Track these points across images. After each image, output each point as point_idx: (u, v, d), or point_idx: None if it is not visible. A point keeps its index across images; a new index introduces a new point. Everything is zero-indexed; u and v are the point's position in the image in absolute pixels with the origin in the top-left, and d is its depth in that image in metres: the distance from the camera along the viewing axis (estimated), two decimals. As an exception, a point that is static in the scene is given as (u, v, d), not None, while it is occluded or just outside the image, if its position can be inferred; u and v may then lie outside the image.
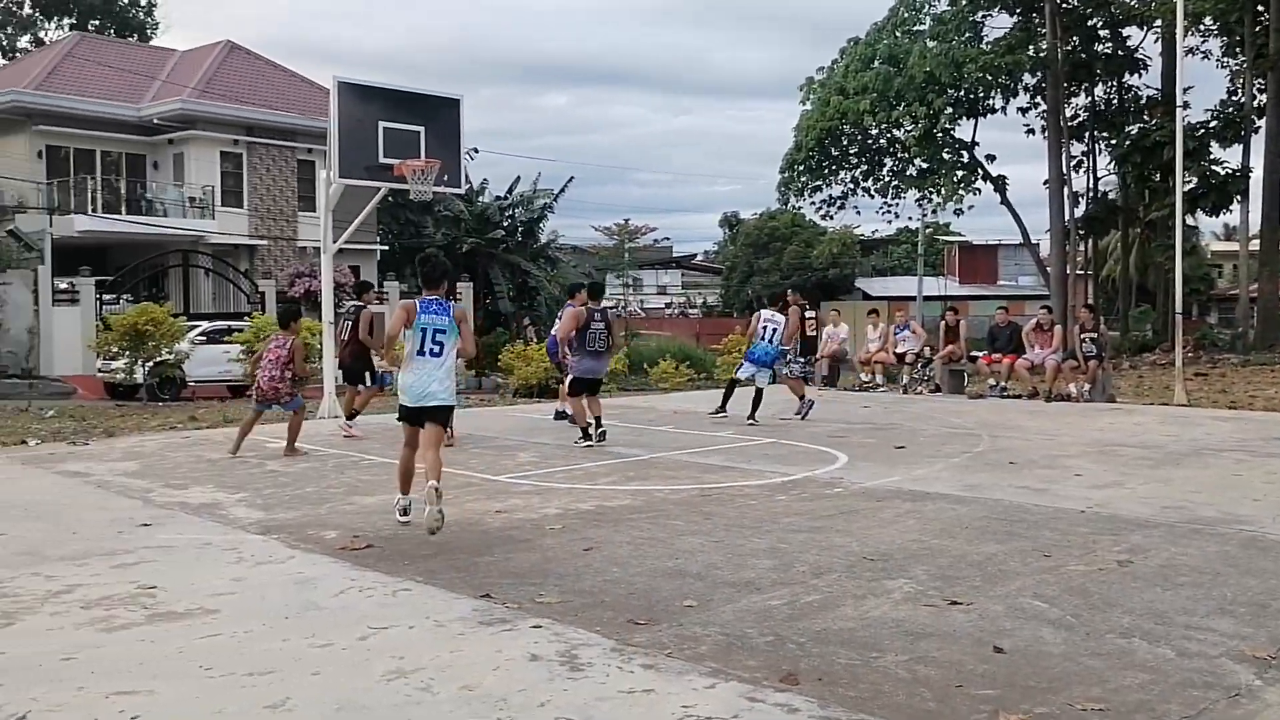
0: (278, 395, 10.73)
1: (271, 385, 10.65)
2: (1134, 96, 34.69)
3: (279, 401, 10.81)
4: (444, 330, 7.16)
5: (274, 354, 10.72)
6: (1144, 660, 4.45)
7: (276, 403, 10.86)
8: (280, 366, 10.65)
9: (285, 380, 10.70)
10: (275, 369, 10.66)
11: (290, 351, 10.68)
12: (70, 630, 4.97)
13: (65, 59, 33.38)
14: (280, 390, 10.69)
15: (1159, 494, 8.28)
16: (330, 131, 14.22)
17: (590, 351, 11.61)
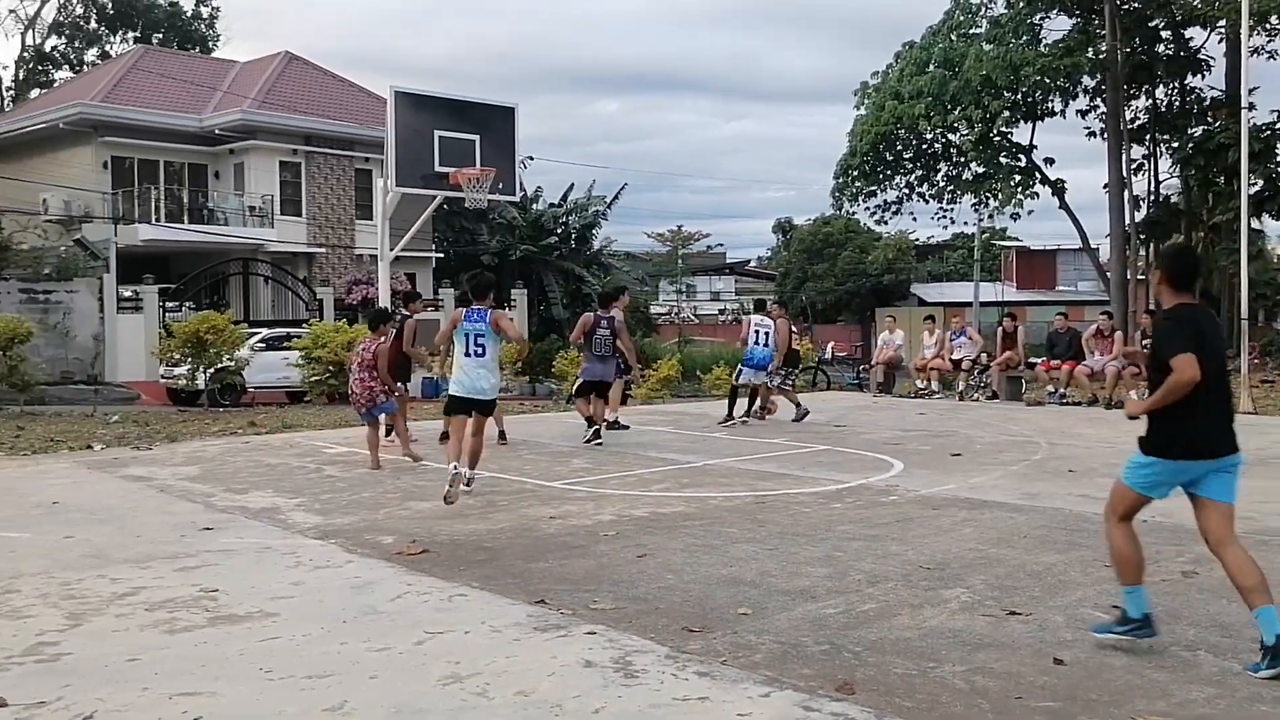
0: (372, 397, 10.46)
1: (364, 387, 10.43)
2: (1196, 98, 34.01)
3: (375, 404, 10.52)
4: (483, 335, 8.68)
5: (359, 358, 10.63)
6: (1209, 674, 4.36)
7: (373, 406, 10.53)
8: (367, 369, 10.47)
9: (374, 380, 10.45)
10: (363, 371, 10.51)
11: (374, 355, 10.48)
12: (135, 632, 5.07)
13: (130, 71, 34.13)
14: (374, 390, 10.44)
15: (1224, 504, 8.09)
16: (388, 141, 14.40)
17: (596, 356, 12.36)
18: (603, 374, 12.49)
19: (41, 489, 9.35)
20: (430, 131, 14.30)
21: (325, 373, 21.17)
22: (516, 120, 15.34)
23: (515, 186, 15.96)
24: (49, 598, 5.66)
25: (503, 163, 14.89)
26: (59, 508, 8.43)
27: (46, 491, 9.19)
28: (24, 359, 19.62)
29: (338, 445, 12.42)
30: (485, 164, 14.50)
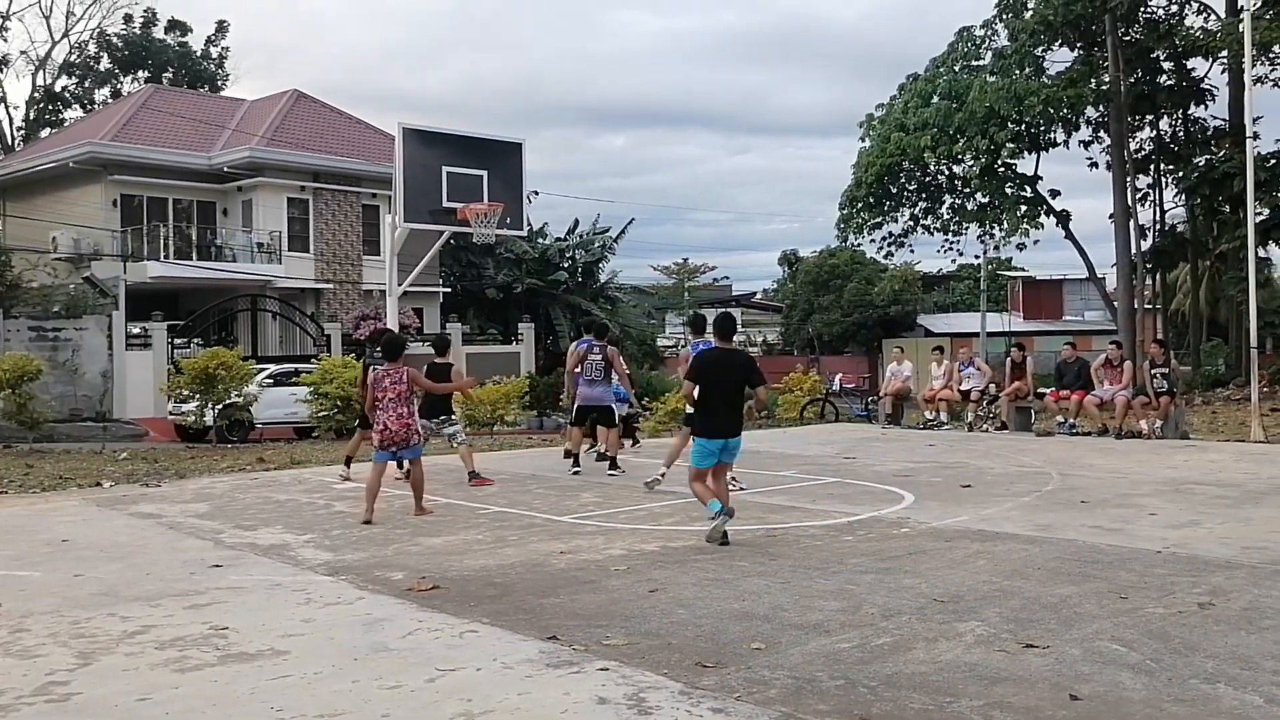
0: (408, 435, 9.48)
1: (402, 424, 9.42)
2: (1200, 128, 34.13)
3: (408, 444, 9.53)
4: None
5: (395, 390, 9.44)
6: (1230, 707, 4.31)
7: (405, 447, 9.53)
8: (405, 402, 9.46)
9: (412, 416, 9.54)
10: (402, 405, 9.42)
11: (409, 382, 9.55)
12: (145, 670, 5.04)
13: (139, 110, 34.46)
14: (411, 428, 9.51)
15: (1239, 534, 8.05)
16: (395, 177, 14.49)
17: (587, 380, 12.72)
18: (599, 398, 12.70)
19: (51, 527, 9.35)
20: (438, 167, 14.39)
21: (333, 408, 21.20)
22: (524, 155, 15.43)
23: (523, 221, 16.02)
24: (59, 636, 5.64)
25: (510, 198, 14.97)
26: (69, 546, 8.43)
27: (56, 529, 9.19)
28: (33, 396, 19.68)
29: (347, 481, 12.40)
30: (493, 199, 14.58)
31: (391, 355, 9.70)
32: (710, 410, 8.08)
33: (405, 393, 9.43)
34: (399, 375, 9.49)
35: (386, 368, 9.54)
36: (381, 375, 9.47)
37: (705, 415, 8.12)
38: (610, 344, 13.07)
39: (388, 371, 9.48)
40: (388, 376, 9.47)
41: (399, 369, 9.51)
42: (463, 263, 39.45)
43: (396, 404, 9.41)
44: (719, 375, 8.09)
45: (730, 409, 8.10)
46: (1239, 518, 8.81)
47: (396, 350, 9.76)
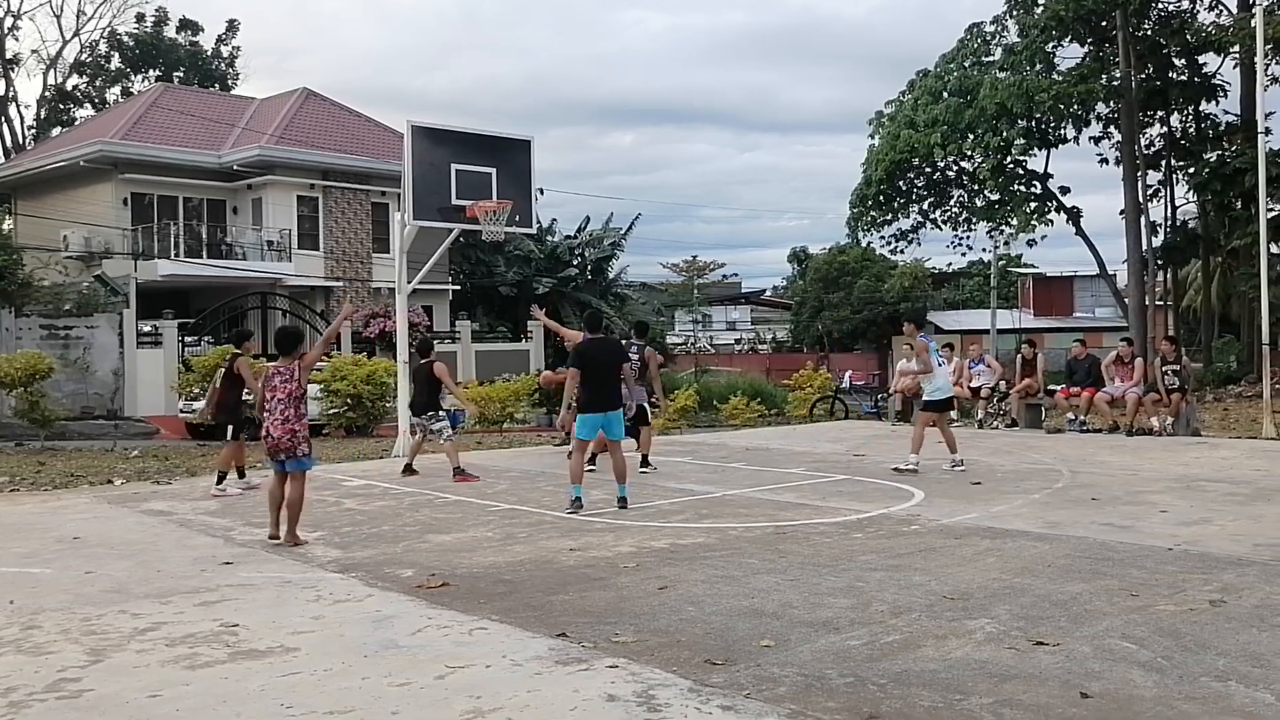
0: (294, 445, 8.01)
1: (287, 430, 7.96)
2: (1212, 124, 33.97)
3: (294, 455, 8.04)
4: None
5: (284, 389, 8.00)
6: (1241, 705, 4.30)
7: (291, 457, 8.05)
8: (294, 403, 8.03)
9: (300, 422, 8.07)
10: (290, 407, 8.01)
11: (299, 381, 8.08)
12: (156, 668, 5.06)
13: (150, 109, 34.56)
14: (297, 437, 8.02)
15: (1250, 531, 8.02)
16: (404, 174, 14.48)
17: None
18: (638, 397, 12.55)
19: (62, 524, 9.38)
20: (447, 165, 14.37)
21: (343, 405, 21.25)
22: (533, 152, 15.40)
23: (532, 219, 15.97)
24: (70, 633, 5.66)
25: (519, 195, 14.94)
26: (80, 543, 8.46)
27: (67, 527, 9.22)
28: (45, 394, 19.77)
29: (357, 478, 12.44)
30: (502, 196, 14.55)
31: (285, 349, 8.26)
32: (591, 389, 9.55)
33: (297, 393, 8.03)
34: (289, 373, 8.03)
35: (278, 364, 8.14)
36: (272, 372, 8.09)
37: (588, 394, 9.59)
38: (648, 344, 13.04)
39: (279, 368, 8.05)
40: (278, 374, 8.03)
41: (291, 365, 8.08)
42: (472, 260, 39.50)
43: (285, 406, 7.97)
44: (596, 359, 9.63)
45: (607, 387, 9.56)
46: (1250, 515, 8.77)
47: (291, 343, 8.31)
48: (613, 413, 9.61)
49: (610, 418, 9.59)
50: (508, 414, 22.69)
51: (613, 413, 9.61)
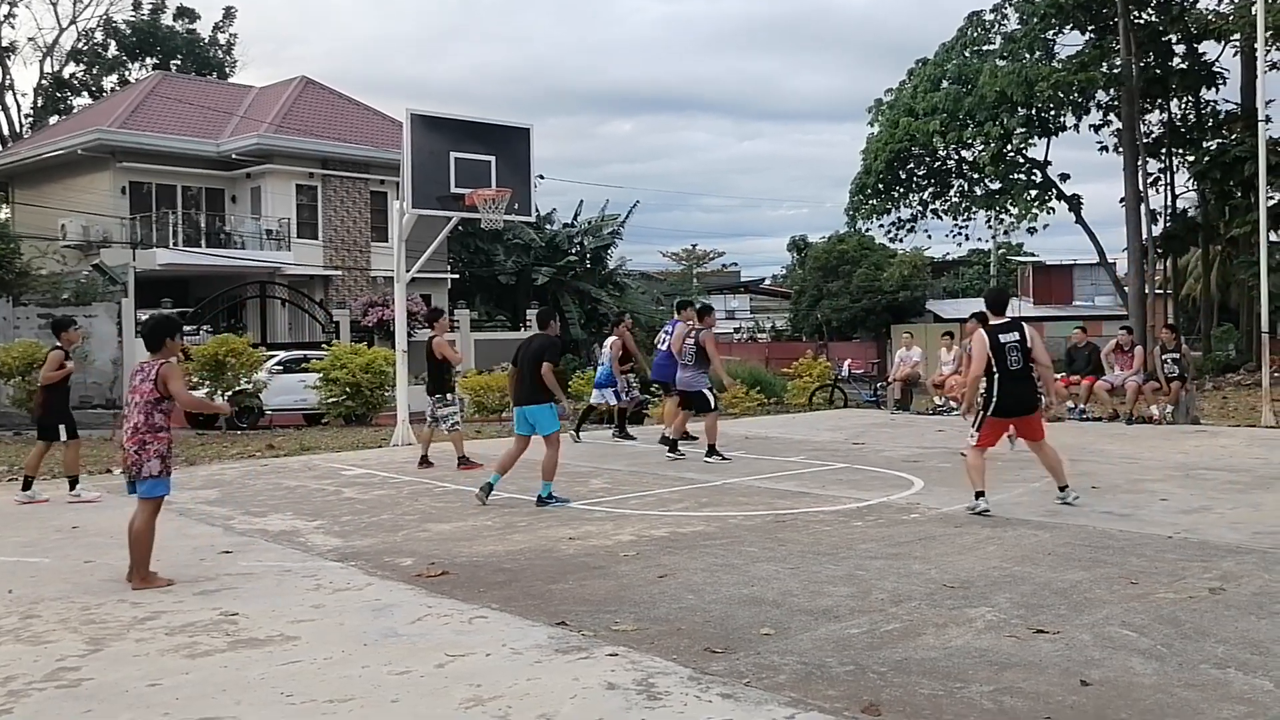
0: (139, 462, 6.49)
1: (135, 440, 6.50)
2: (1212, 111, 33.92)
3: (139, 474, 6.53)
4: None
5: (139, 391, 6.56)
6: (1240, 692, 4.30)
7: (136, 479, 6.57)
8: (147, 409, 6.52)
9: (155, 433, 6.54)
10: (138, 414, 6.53)
11: (159, 382, 6.52)
12: (156, 656, 5.06)
13: (148, 97, 34.47)
14: (145, 452, 6.50)
15: (1249, 519, 8.03)
16: (403, 163, 14.45)
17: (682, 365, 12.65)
18: (686, 382, 12.54)
19: (61, 513, 9.38)
20: (446, 153, 14.34)
21: (343, 394, 21.23)
22: (532, 141, 15.36)
23: (530, 207, 15.97)
24: (69, 622, 5.66)
25: (518, 183, 14.92)
26: (79, 532, 8.46)
27: (66, 516, 9.22)
28: (43, 383, 19.68)
29: (356, 467, 12.43)
30: (501, 185, 14.52)
31: (153, 344, 6.71)
32: (516, 384, 9.80)
33: (151, 396, 6.52)
34: (149, 371, 6.59)
35: (143, 360, 6.75)
36: (134, 371, 6.74)
37: (513, 389, 9.92)
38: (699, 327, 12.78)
39: (140, 365, 6.69)
40: (138, 372, 6.66)
41: (152, 363, 6.61)
42: (471, 249, 39.45)
43: (136, 411, 6.57)
44: (519, 355, 9.71)
45: (523, 382, 9.61)
46: (1250, 503, 8.77)
47: (159, 336, 6.69)
48: (526, 407, 9.54)
49: (525, 411, 9.57)
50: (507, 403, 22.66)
51: (526, 407, 9.54)
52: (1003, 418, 8.59)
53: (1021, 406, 8.55)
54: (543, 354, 9.52)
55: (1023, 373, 8.47)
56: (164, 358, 6.62)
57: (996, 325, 8.69)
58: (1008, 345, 8.47)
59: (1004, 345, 8.46)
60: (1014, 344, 8.50)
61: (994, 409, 8.46)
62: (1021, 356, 8.49)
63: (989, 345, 8.45)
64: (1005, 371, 8.41)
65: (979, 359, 8.52)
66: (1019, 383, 8.46)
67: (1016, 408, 8.53)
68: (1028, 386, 8.56)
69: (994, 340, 8.48)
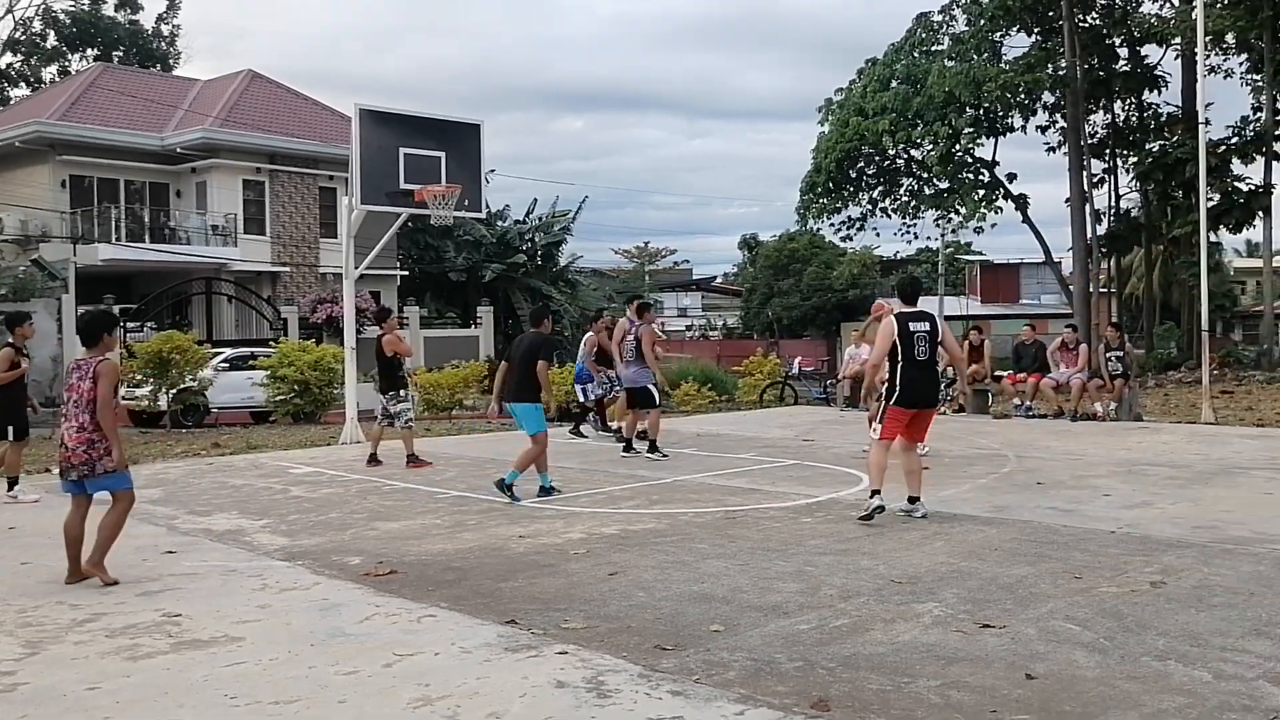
0: (91, 461, 6.38)
1: (83, 439, 6.37)
2: (1154, 114, 34.56)
3: (94, 471, 6.41)
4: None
5: (79, 389, 6.40)
6: (1180, 683, 4.37)
7: (90, 475, 6.42)
8: (90, 408, 6.38)
9: (100, 431, 6.39)
10: (84, 412, 6.37)
11: (95, 378, 6.39)
12: (95, 659, 4.96)
13: (89, 89, 33.80)
14: (94, 450, 6.39)
15: (1189, 514, 8.18)
16: (352, 158, 14.30)
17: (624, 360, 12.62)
18: (631, 379, 12.55)
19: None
20: (395, 149, 14.21)
21: (291, 392, 20.99)
22: (482, 137, 15.26)
23: (481, 203, 15.86)
24: (5, 625, 5.53)
25: (469, 179, 14.81)
26: (16, 533, 8.28)
27: (2, 517, 9.02)
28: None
29: (304, 466, 12.29)
30: (451, 181, 14.42)
31: (89, 339, 6.64)
32: (504, 380, 9.80)
33: (90, 395, 6.37)
34: (87, 369, 6.45)
35: (80, 356, 6.60)
36: (71, 367, 6.59)
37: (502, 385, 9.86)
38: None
39: (79, 362, 6.53)
40: (76, 370, 6.50)
41: (90, 360, 6.49)
42: (421, 245, 39.19)
43: (79, 410, 6.41)
44: (511, 353, 9.82)
45: (513, 378, 9.60)
46: (1190, 498, 8.94)
47: (95, 332, 6.64)
48: (513, 405, 9.60)
49: (512, 409, 9.64)
50: (457, 400, 22.53)
51: (513, 405, 9.60)
52: (905, 408, 8.13)
53: (923, 399, 8.21)
54: (538, 351, 9.49)
55: (928, 364, 8.17)
56: (100, 354, 6.54)
57: (906, 313, 8.30)
58: (916, 334, 8.12)
59: (912, 334, 8.11)
60: (923, 333, 8.16)
61: (896, 399, 8.10)
62: (929, 348, 8.15)
63: (896, 332, 8.10)
64: (910, 360, 8.07)
65: (883, 345, 8.17)
66: (924, 374, 8.15)
67: (919, 399, 8.17)
68: (932, 379, 8.29)
69: (902, 327, 8.12)
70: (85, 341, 6.61)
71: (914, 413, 8.19)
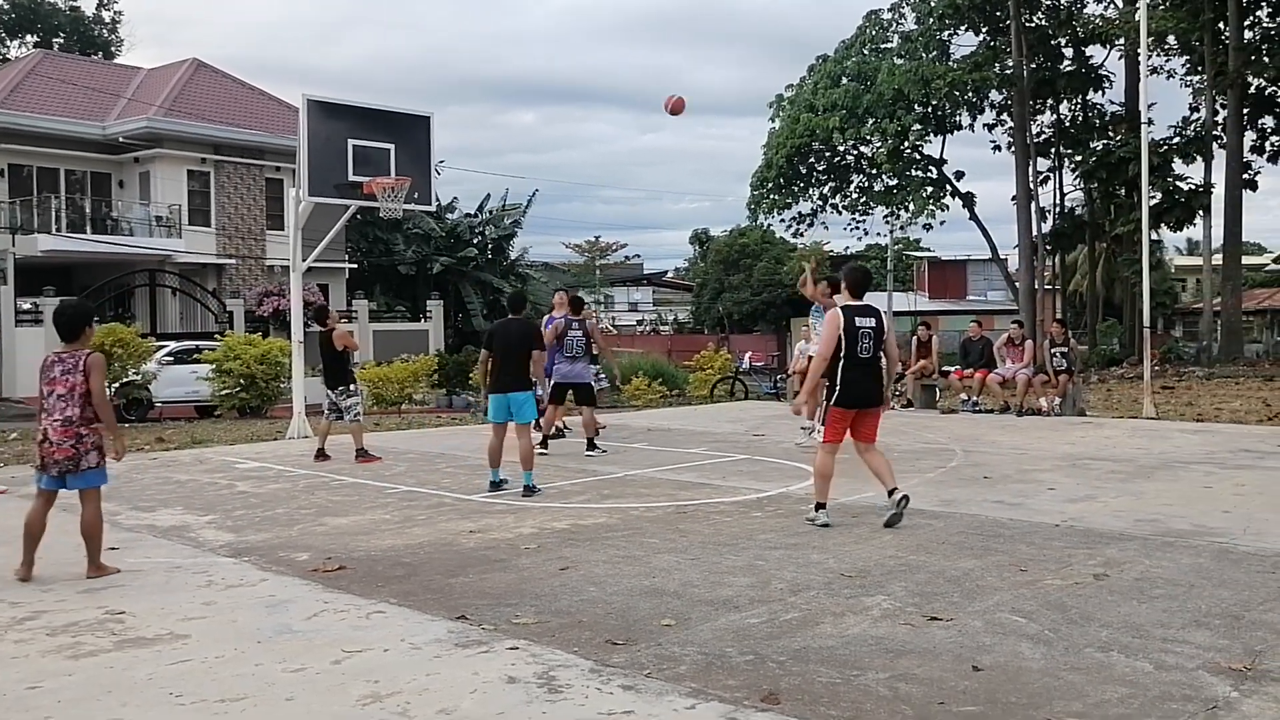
0: (77, 456, 6.34)
1: (69, 434, 6.32)
2: (1098, 113, 35.14)
3: (78, 466, 6.37)
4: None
5: (65, 383, 6.37)
6: (1123, 674, 4.45)
7: (74, 471, 6.37)
8: (79, 402, 6.34)
9: (88, 426, 6.38)
10: (72, 406, 6.34)
11: (86, 373, 6.39)
12: (36, 658, 4.86)
13: (28, 76, 33.08)
14: (82, 445, 6.36)
15: (1131, 507, 8.32)
16: (299, 149, 14.14)
17: (567, 357, 12.36)
18: (579, 374, 12.40)
19: (-65, 510, 8.96)
20: (344, 140, 14.07)
21: (237, 386, 20.72)
22: (432, 129, 15.15)
23: (431, 196, 15.73)
24: (-57, 624, 5.41)
25: (418, 172, 14.70)
26: (-46, 529, 8.08)
27: (-60, 512, 8.81)
28: (-85, 374, 18.84)
29: (250, 460, 12.14)
30: (400, 173, 14.29)
31: (70, 333, 6.54)
32: (497, 371, 9.46)
33: (81, 389, 6.35)
34: (75, 363, 6.41)
35: (60, 349, 6.54)
36: (51, 360, 6.49)
37: (494, 375, 9.50)
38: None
39: (60, 355, 6.47)
40: (59, 363, 6.43)
41: (75, 352, 6.46)
42: (370, 238, 38.80)
43: (66, 404, 6.35)
44: (503, 341, 9.50)
45: (510, 369, 9.40)
46: (1132, 491, 9.10)
47: (78, 325, 6.58)
48: (512, 394, 9.36)
49: (510, 398, 9.36)
50: (406, 394, 22.38)
51: (512, 394, 9.36)
52: (846, 408, 7.66)
53: (867, 399, 7.72)
54: (531, 339, 9.50)
55: (872, 362, 7.72)
56: (82, 347, 6.51)
57: (852, 307, 7.78)
58: (862, 330, 7.65)
59: (858, 329, 7.65)
60: (869, 330, 7.68)
61: (837, 399, 7.64)
62: (874, 345, 7.70)
63: (842, 326, 7.63)
64: (853, 358, 7.62)
65: (829, 339, 7.67)
66: (867, 372, 7.69)
67: (862, 399, 7.69)
68: (875, 377, 7.79)
69: (848, 322, 7.65)
70: (66, 335, 6.53)
71: (855, 413, 7.72)
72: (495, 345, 9.52)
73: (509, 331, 9.55)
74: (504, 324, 9.75)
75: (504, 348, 9.44)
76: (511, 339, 9.46)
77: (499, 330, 9.65)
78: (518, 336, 9.47)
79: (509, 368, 9.40)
